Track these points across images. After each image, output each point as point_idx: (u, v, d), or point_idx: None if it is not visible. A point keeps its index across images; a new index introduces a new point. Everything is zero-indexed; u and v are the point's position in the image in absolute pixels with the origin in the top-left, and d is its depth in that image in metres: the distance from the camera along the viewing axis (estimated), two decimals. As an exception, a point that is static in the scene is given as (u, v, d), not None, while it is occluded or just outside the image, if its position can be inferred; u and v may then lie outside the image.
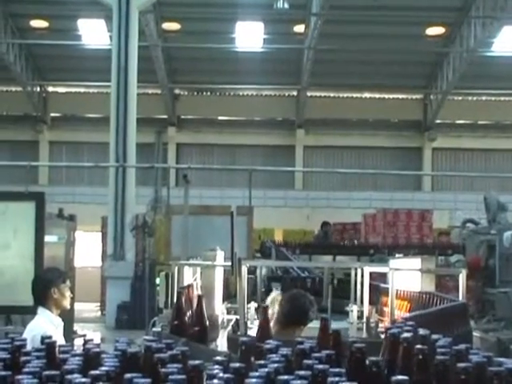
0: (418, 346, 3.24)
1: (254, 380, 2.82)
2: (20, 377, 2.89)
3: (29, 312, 9.40)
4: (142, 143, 28.35)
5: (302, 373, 2.94)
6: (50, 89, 42.21)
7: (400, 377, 2.76)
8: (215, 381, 2.88)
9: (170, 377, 2.84)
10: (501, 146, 41.88)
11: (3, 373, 2.99)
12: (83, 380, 2.83)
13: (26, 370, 3.14)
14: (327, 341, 3.93)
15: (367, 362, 3.18)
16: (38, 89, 41.66)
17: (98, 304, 29.42)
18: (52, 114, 42.27)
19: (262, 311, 6.86)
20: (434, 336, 3.70)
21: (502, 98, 42.00)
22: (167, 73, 39.32)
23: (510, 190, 32.96)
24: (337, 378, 2.82)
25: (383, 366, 3.23)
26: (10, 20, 35.33)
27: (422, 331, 3.79)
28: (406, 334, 3.42)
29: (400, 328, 3.80)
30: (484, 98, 41.99)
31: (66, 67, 38.80)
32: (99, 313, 28.25)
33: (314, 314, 8.15)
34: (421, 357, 3.16)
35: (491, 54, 36.88)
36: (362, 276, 10.83)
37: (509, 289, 21.76)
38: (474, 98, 42.02)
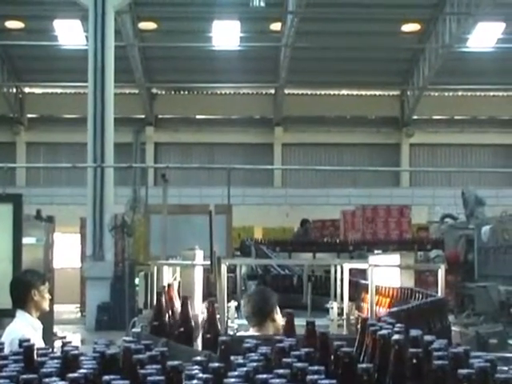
0: (393, 341, 3.24)
1: (232, 380, 2.82)
2: (-3, 381, 2.89)
3: (7, 315, 9.38)
4: (120, 143, 28.36)
5: (280, 371, 2.94)
6: (27, 90, 42.22)
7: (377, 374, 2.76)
8: (194, 381, 2.88)
9: (149, 378, 2.84)
10: (478, 140, 42.06)
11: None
12: (61, 383, 2.83)
13: (2, 374, 3.14)
14: (311, 341, 3.95)
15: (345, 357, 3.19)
16: (15, 90, 41.68)
17: (78, 305, 29.42)
18: (29, 115, 42.30)
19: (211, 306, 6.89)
20: (413, 332, 3.71)
21: (478, 93, 42.18)
22: (144, 72, 39.35)
23: (487, 184, 33.13)
24: (316, 376, 2.82)
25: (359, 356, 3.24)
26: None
27: (399, 327, 3.80)
28: (379, 330, 3.43)
29: (375, 324, 3.81)
30: (460, 93, 42.15)
31: (42, 68, 38.84)
32: (79, 314, 28.25)
33: (275, 309, 8.15)
34: (396, 350, 3.17)
35: (466, 50, 37.04)
36: (342, 273, 10.84)
37: (488, 283, 21.82)
38: (451, 94, 42.17)
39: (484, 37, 35.93)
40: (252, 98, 42.71)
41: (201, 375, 3.00)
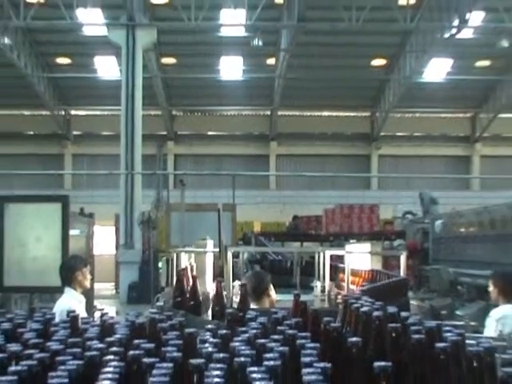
0: (364, 312, 3.24)
1: (237, 344, 2.81)
2: (49, 343, 2.88)
3: (57, 291, 9.37)
4: (146, 155, 28.33)
5: (276, 336, 2.93)
6: (73, 112, 42.16)
7: (355, 339, 2.75)
8: (206, 345, 2.87)
9: (170, 342, 2.83)
10: (432, 152, 42.07)
11: (36, 340, 2.98)
12: (100, 345, 2.82)
13: (54, 337, 3.14)
14: (298, 310, 3.94)
15: (327, 325, 3.18)
16: (63, 112, 41.64)
17: (113, 284, 29.35)
18: (74, 132, 42.25)
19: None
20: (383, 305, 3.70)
21: (432, 115, 42.19)
22: (166, 98, 39.40)
23: (439, 187, 33.04)
24: (303, 341, 2.82)
25: (341, 328, 3.23)
26: (40, 58, 35.31)
27: (369, 301, 3.79)
28: (356, 304, 3.43)
29: (352, 299, 3.80)
30: (418, 114, 42.13)
31: (85, 95, 38.83)
32: (114, 291, 28.19)
33: (269, 287, 8.16)
34: (365, 320, 3.17)
35: (422, 81, 37.00)
36: (324, 258, 10.84)
37: (440, 266, 21.80)
38: (410, 115, 42.14)
39: (436, 70, 35.96)
40: (252, 118, 42.68)
41: (212, 340, 2.99)
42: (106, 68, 34.64)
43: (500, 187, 35.70)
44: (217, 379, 2.16)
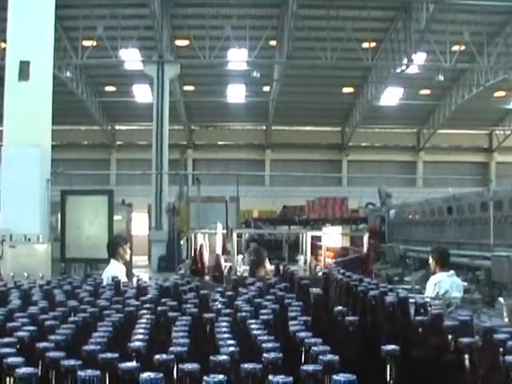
0: (339, 279, 3.23)
1: (240, 302, 2.81)
2: (98, 301, 2.88)
3: (104, 262, 9.38)
4: (172, 159, 28.25)
5: (269, 297, 2.93)
6: (117, 127, 42.12)
7: (340, 308, 2.74)
8: (216, 302, 2.87)
9: (189, 300, 2.83)
10: (387, 158, 42.09)
11: (89, 298, 2.99)
12: (137, 303, 2.83)
13: (103, 296, 3.14)
14: (285, 278, 3.94)
15: (310, 290, 3.18)
16: (109, 127, 41.65)
17: (147, 257, 29.29)
18: (118, 143, 42.23)
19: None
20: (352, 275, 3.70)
21: (387, 130, 42.17)
22: (186, 116, 39.47)
23: (393, 185, 33.01)
24: (290, 300, 2.82)
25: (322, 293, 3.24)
26: (92, 87, 35.38)
27: (340, 271, 3.80)
28: (335, 274, 3.43)
29: (330, 270, 3.80)
30: (377, 130, 42.05)
31: (126, 114, 38.79)
32: (147, 262, 28.13)
33: (266, 259, 8.17)
34: (340, 285, 3.16)
35: (380, 104, 36.93)
36: (306, 238, 10.84)
37: (393, 244, 21.83)
38: (371, 130, 42.03)
39: (390, 96, 35.93)
40: (251, 132, 42.65)
41: (220, 299, 2.99)
42: (142, 94, 34.51)
43: (438, 185, 35.78)
44: (224, 329, 2.16)
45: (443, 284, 8.40)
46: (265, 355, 1.67)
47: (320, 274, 4.15)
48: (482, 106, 35.91)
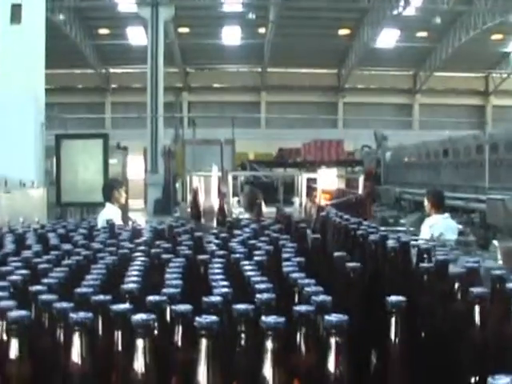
0: (333, 219, 3.24)
1: (234, 244, 2.81)
2: (93, 244, 2.89)
3: (100, 206, 9.40)
4: (167, 102, 28.09)
5: (263, 238, 2.93)
6: (111, 70, 41.87)
7: (322, 239, 2.75)
8: (211, 244, 2.87)
9: (183, 242, 2.83)
10: (383, 101, 41.94)
11: (84, 241, 2.99)
12: (130, 245, 2.83)
13: (97, 239, 3.15)
14: (281, 219, 3.94)
15: (306, 231, 3.19)
16: (104, 70, 41.44)
17: (142, 200, 29.29)
18: (112, 86, 42.07)
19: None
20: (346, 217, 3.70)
21: (383, 73, 41.91)
22: (181, 58, 39.29)
23: (389, 127, 32.90)
24: (284, 242, 2.82)
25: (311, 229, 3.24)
26: (86, 30, 35.16)
27: (335, 213, 3.80)
28: (328, 214, 3.43)
29: (326, 212, 3.80)
30: (373, 72, 41.84)
31: (120, 57, 38.52)
32: (143, 205, 28.13)
33: (261, 200, 8.18)
34: (338, 227, 3.17)
35: (377, 47, 36.71)
36: (302, 180, 10.83)
37: (389, 186, 21.90)
38: (367, 73, 41.85)
39: (387, 39, 35.75)
40: (247, 74, 42.46)
41: (215, 241, 2.99)
42: (136, 36, 34.25)
43: (434, 128, 35.69)
44: (217, 270, 2.16)
45: (438, 226, 8.43)
46: (258, 296, 1.67)
47: (314, 215, 4.14)
48: (478, 49, 35.69)
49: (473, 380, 1.66)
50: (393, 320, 1.59)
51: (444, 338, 1.86)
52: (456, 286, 1.97)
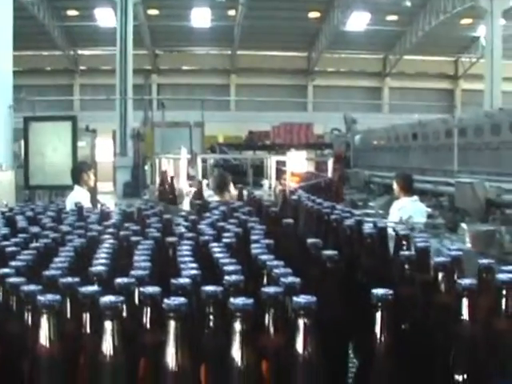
0: (295, 200, 3.25)
1: (203, 226, 2.82)
2: (61, 226, 2.87)
3: (68, 188, 9.35)
4: (136, 84, 27.86)
5: (232, 220, 2.93)
6: (80, 52, 41.52)
7: (291, 222, 2.75)
8: (180, 227, 2.87)
9: (152, 225, 2.83)
10: (353, 84, 42.06)
11: (52, 224, 2.97)
12: (99, 228, 2.82)
13: (66, 221, 3.14)
14: (250, 202, 3.94)
15: (271, 212, 3.20)
16: (72, 52, 41.10)
17: (112, 183, 29.11)
18: (81, 68, 41.74)
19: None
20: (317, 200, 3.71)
21: (353, 56, 41.93)
22: (151, 40, 39.08)
23: (358, 110, 32.98)
24: (253, 224, 2.82)
25: (279, 212, 3.25)
26: (54, 11, 34.84)
27: (306, 196, 3.81)
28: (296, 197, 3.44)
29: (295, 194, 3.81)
30: (343, 55, 41.88)
31: (89, 39, 38.21)
32: (113, 188, 27.97)
33: (230, 184, 8.18)
34: (298, 205, 3.18)
35: (347, 30, 36.72)
36: (271, 163, 10.85)
37: (358, 169, 21.97)
38: (337, 56, 41.88)
39: (357, 22, 35.78)
40: (217, 56, 42.31)
41: (184, 223, 2.99)
42: (105, 18, 33.95)
43: (403, 111, 35.85)
44: (186, 252, 2.16)
45: (406, 209, 8.49)
46: (226, 278, 1.68)
47: (281, 198, 4.14)
48: (448, 33, 35.87)
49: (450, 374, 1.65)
50: (373, 309, 1.56)
51: (424, 325, 1.85)
52: (437, 273, 1.90)
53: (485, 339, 1.62)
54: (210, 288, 1.57)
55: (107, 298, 1.48)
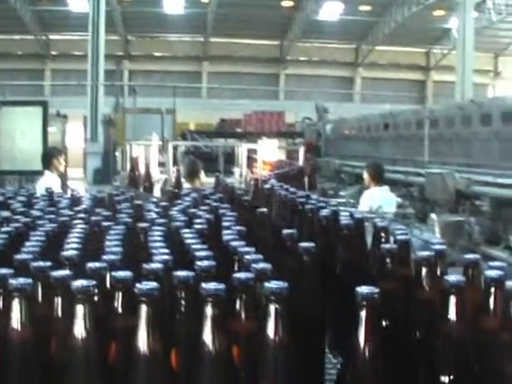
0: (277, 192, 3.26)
1: (174, 212, 2.82)
2: (32, 211, 2.87)
3: (39, 174, 9.31)
4: (108, 70, 27.74)
5: (203, 207, 2.94)
6: (51, 37, 41.19)
7: (262, 210, 2.76)
8: (151, 212, 2.87)
9: (122, 210, 2.83)
10: (325, 73, 42.13)
11: (23, 209, 2.96)
12: (70, 213, 2.81)
13: (36, 206, 3.12)
14: (222, 189, 3.95)
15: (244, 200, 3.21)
16: (44, 37, 40.78)
17: (82, 169, 28.96)
18: (52, 53, 41.40)
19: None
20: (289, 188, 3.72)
21: (326, 45, 41.97)
22: (123, 26, 38.86)
23: (330, 100, 33.03)
24: (224, 211, 2.83)
25: (252, 200, 3.26)
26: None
27: (278, 184, 3.82)
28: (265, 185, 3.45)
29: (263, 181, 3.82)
30: (316, 44, 41.89)
31: (61, 24, 37.84)
32: (83, 175, 27.83)
33: (200, 171, 8.20)
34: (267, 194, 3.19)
35: (320, 19, 36.81)
36: (242, 151, 10.86)
37: (329, 158, 22.02)
38: (310, 45, 41.89)
39: (330, 11, 35.86)
40: (189, 43, 42.15)
41: (155, 209, 2.99)
42: (77, 2, 33.73)
43: (375, 101, 36.02)
44: (157, 238, 2.17)
45: (376, 198, 8.55)
46: (198, 263, 1.69)
47: (252, 185, 4.15)
48: (421, 25, 36.02)
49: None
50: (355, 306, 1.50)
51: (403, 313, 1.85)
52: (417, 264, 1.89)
53: (470, 338, 1.61)
54: (181, 273, 1.58)
55: (79, 282, 1.48)
